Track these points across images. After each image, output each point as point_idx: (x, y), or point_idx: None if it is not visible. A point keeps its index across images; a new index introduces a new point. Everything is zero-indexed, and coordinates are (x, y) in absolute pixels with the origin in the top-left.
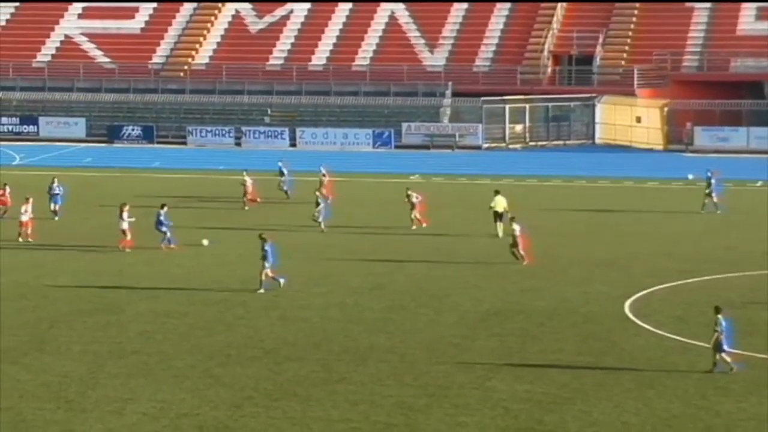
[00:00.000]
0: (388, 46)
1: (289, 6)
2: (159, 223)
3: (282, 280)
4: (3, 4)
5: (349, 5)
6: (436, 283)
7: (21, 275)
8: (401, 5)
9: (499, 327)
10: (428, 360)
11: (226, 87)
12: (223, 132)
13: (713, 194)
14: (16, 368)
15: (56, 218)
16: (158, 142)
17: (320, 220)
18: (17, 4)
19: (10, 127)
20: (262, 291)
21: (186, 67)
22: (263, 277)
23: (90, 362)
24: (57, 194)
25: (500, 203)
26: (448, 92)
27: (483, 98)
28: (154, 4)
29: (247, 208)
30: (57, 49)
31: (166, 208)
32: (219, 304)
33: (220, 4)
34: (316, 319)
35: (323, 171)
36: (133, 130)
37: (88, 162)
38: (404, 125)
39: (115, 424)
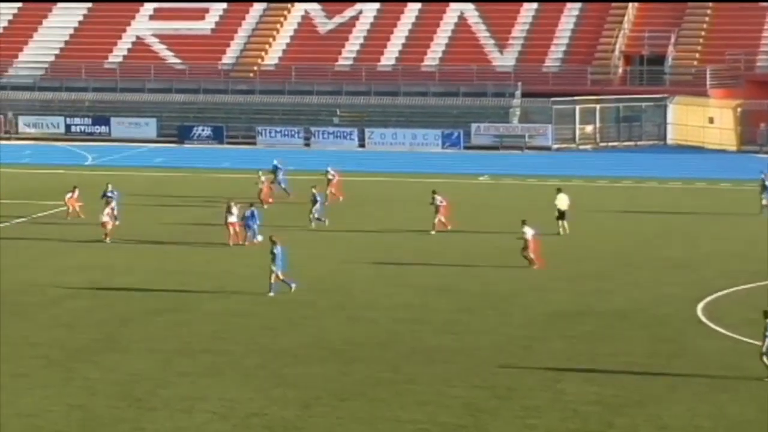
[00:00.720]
0: (457, 46)
1: (358, 6)
2: (248, 218)
3: (293, 285)
4: (75, 6)
5: (419, 5)
6: (504, 284)
7: (93, 274)
8: (471, 5)
9: (569, 329)
10: (496, 361)
11: (295, 87)
12: (292, 132)
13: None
14: (88, 366)
15: (116, 222)
16: (228, 143)
17: (316, 216)
18: (90, 5)
19: (83, 128)
20: (272, 294)
21: (255, 68)
22: (272, 280)
23: (160, 361)
24: (112, 198)
25: (563, 201)
26: (518, 93)
27: (553, 99)
28: (224, 5)
29: (265, 207)
30: (128, 50)
31: (253, 208)
32: (286, 304)
33: (289, 5)
34: (383, 319)
35: (330, 171)
36: (203, 130)
37: (158, 162)
38: (473, 126)
39: (185, 423)
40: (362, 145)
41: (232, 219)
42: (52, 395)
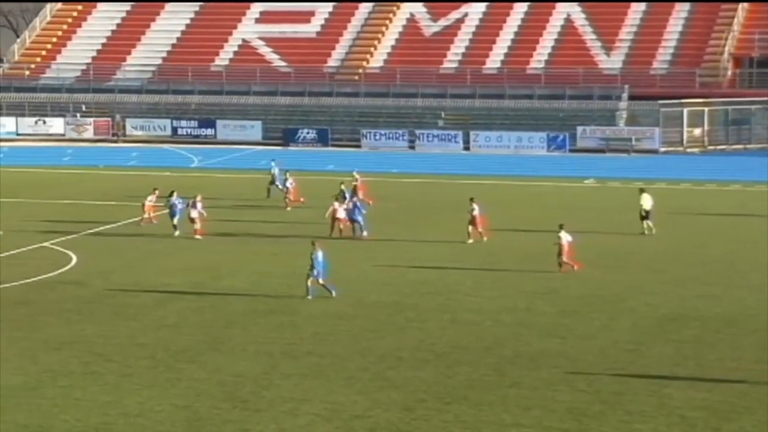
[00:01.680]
0: (563, 48)
1: (464, 9)
2: (353, 211)
3: (334, 292)
4: (182, 9)
5: (525, 7)
6: (609, 287)
7: (197, 276)
8: (577, 7)
9: (675, 333)
10: (602, 365)
11: (400, 90)
12: (397, 135)
13: None
14: (193, 367)
15: (176, 233)
16: (332, 145)
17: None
18: (196, 8)
19: (189, 130)
20: (309, 298)
21: (360, 71)
22: (309, 284)
23: (264, 362)
24: (177, 207)
25: (647, 201)
26: (625, 95)
27: (660, 101)
28: (330, 8)
29: (289, 209)
30: (234, 53)
31: (356, 198)
32: (390, 306)
33: (395, 8)
34: (488, 322)
35: (356, 175)
36: (308, 133)
37: (263, 164)
38: (579, 129)
39: (289, 425)
40: (467, 148)
41: (341, 215)
42: (157, 395)
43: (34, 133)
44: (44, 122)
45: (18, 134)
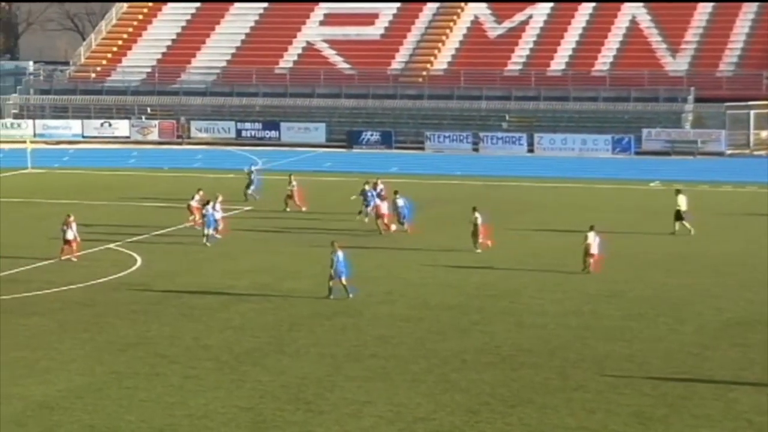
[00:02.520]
0: (628, 50)
1: (528, 10)
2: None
3: (351, 294)
4: (247, 12)
5: (590, 9)
6: (675, 291)
7: (261, 278)
8: (643, 8)
9: (741, 337)
10: (667, 369)
11: (464, 92)
12: (461, 137)
13: None
14: (257, 369)
15: (207, 243)
16: (396, 147)
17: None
18: (261, 11)
19: (253, 132)
20: (331, 298)
21: (424, 73)
22: (331, 284)
23: (328, 365)
24: (213, 218)
25: (683, 202)
26: (690, 98)
27: (727, 104)
28: (394, 10)
29: (288, 209)
30: (299, 55)
31: (398, 195)
32: (454, 309)
33: (459, 10)
34: (552, 325)
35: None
36: (371, 135)
37: (327, 167)
38: (644, 131)
39: (353, 427)
40: (531, 151)
41: (385, 210)
42: (222, 397)
43: (100, 135)
44: (110, 124)
45: (84, 136)
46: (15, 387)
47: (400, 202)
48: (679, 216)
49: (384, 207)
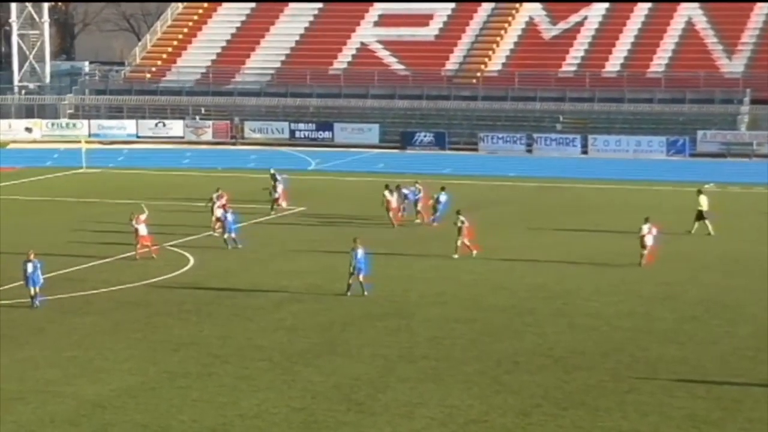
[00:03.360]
0: (684, 52)
1: (583, 12)
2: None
3: (366, 292)
4: (301, 12)
5: (645, 10)
6: (730, 293)
7: (314, 278)
8: (699, 10)
9: None
10: (721, 372)
11: (518, 94)
12: (515, 139)
13: None
14: (309, 370)
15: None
16: (450, 149)
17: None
18: (315, 12)
19: (307, 133)
20: (349, 294)
21: (479, 74)
22: (350, 281)
23: (380, 366)
24: (228, 220)
25: (704, 202)
26: (747, 99)
27: None
28: (449, 11)
29: (273, 212)
30: (353, 56)
31: (444, 191)
32: (507, 310)
33: (513, 11)
34: (605, 327)
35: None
36: (425, 136)
37: (380, 167)
38: (699, 133)
39: (404, 428)
40: (585, 152)
41: (394, 204)
42: (274, 397)
43: (154, 135)
44: (164, 125)
45: (138, 136)
46: (68, 386)
47: (443, 197)
48: (700, 216)
49: (394, 201)
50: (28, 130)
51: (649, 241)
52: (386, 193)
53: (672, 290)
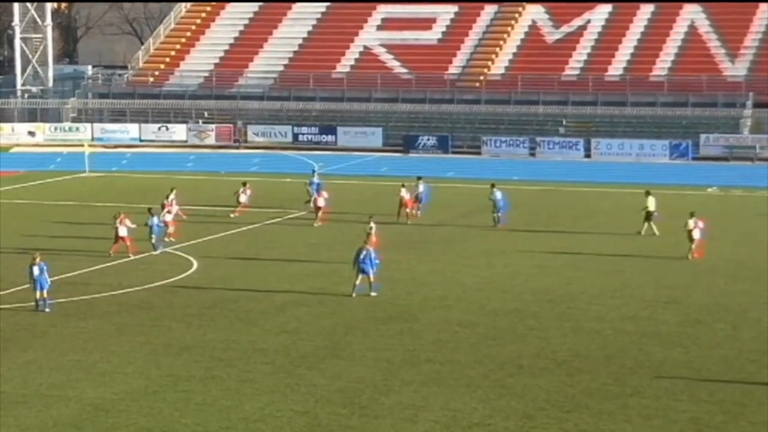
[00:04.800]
0: (687, 56)
1: (586, 15)
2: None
3: (374, 292)
4: (305, 16)
5: (648, 14)
6: (734, 297)
7: (318, 282)
8: (702, 14)
9: None
10: (725, 376)
11: (522, 97)
12: (518, 142)
13: None
14: (313, 373)
15: (156, 251)
16: (453, 152)
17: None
18: (318, 16)
19: (310, 137)
20: (353, 295)
21: (482, 78)
22: (358, 282)
23: (384, 369)
24: (154, 225)
25: (651, 204)
26: (749, 103)
27: None
28: (452, 15)
29: (234, 215)
30: (356, 60)
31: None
32: (511, 314)
33: (516, 15)
34: (609, 331)
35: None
36: (428, 140)
37: (383, 171)
38: (702, 136)
39: None
40: (588, 156)
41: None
42: (277, 401)
43: (157, 139)
44: (167, 128)
45: (141, 140)
46: (71, 389)
47: (498, 195)
48: (648, 217)
49: (407, 197)
50: (31, 134)
51: (696, 234)
52: (402, 190)
53: (675, 294)
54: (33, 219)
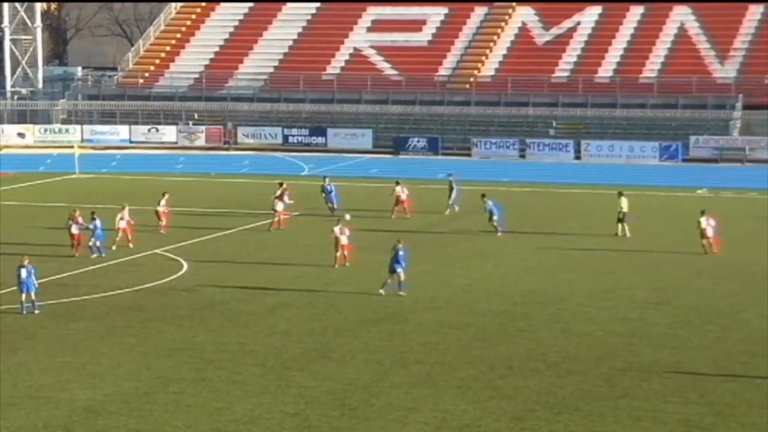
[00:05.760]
0: (677, 57)
1: (576, 17)
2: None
3: (401, 292)
4: (295, 18)
5: (638, 16)
6: (724, 299)
7: (308, 284)
8: (691, 15)
9: None
10: (715, 377)
11: (512, 99)
12: (508, 144)
13: None
14: (303, 375)
15: (93, 255)
16: (443, 154)
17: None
18: (308, 18)
19: (300, 139)
20: (382, 292)
21: (472, 80)
22: (389, 280)
23: (374, 371)
24: (97, 229)
25: (624, 205)
26: (739, 105)
27: None
28: (442, 17)
29: (161, 226)
30: (346, 61)
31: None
32: (501, 315)
33: (507, 17)
34: (599, 332)
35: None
36: (418, 141)
37: (374, 173)
38: (692, 138)
39: None
40: (578, 157)
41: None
42: (267, 403)
43: (147, 140)
44: (157, 130)
45: (131, 142)
46: (61, 391)
47: (490, 203)
48: (621, 218)
49: (404, 195)
50: (21, 135)
51: (709, 232)
52: (397, 188)
53: (665, 295)
54: (22, 221)
